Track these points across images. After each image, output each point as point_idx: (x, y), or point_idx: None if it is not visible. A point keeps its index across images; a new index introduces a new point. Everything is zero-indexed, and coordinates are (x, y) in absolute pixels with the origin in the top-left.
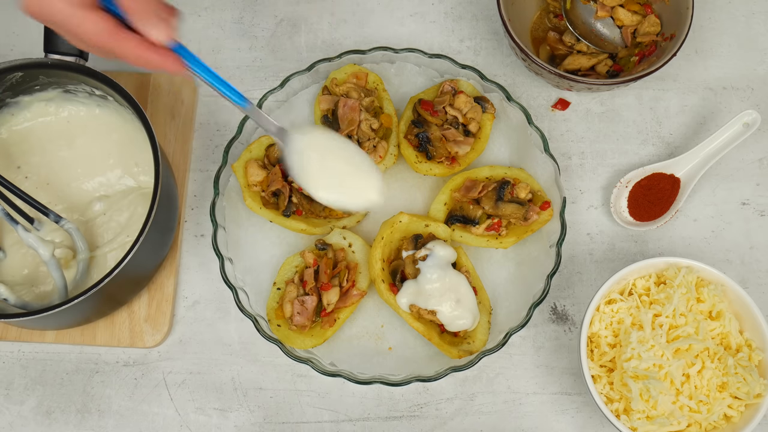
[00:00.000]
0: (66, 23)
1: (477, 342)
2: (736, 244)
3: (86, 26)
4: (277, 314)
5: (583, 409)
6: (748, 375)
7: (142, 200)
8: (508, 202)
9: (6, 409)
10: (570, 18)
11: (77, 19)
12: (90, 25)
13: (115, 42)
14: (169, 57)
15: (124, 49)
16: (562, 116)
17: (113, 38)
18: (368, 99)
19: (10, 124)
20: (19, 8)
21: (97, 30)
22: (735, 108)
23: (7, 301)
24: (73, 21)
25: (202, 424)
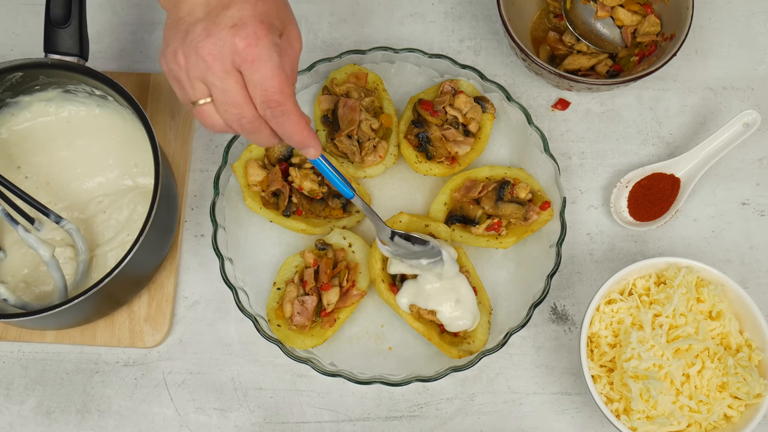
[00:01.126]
0: None
1: (477, 342)
2: (736, 244)
3: (281, 75)
4: (277, 314)
5: (583, 409)
6: (748, 375)
7: (142, 199)
8: (508, 202)
9: (6, 409)
10: (570, 18)
11: (275, 63)
12: (284, 76)
13: (293, 104)
14: (317, 138)
15: (296, 115)
16: (562, 116)
17: (293, 100)
18: (368, 99)
19: (10, 124)
20: None
21: (287, 86)
22: (735, 108)
23: (7, 302)
24: None
25: (202, 424)
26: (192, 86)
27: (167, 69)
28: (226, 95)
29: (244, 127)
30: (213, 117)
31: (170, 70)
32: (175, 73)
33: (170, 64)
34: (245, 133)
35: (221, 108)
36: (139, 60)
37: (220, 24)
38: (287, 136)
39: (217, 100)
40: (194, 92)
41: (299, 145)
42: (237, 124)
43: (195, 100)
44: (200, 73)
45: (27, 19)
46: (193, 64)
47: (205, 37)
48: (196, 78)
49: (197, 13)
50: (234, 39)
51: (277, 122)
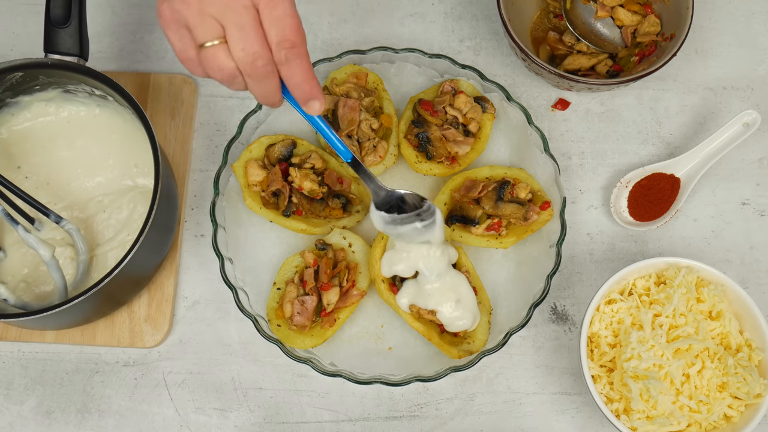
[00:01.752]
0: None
1: (477, 342)
2: (736, 244)
3: (296, 15)
4: (277, 314)
5: (583, 409)
6: (748, 375)
7: (142, 198)
8: (508, 202)
9: (6, 409)
10: (570, 18)
11: (289, 3)
12: (298, 19)
13: (305, 48)
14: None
15: (306, 59)
16: (562, 116)
17: (305, 46)
18: (368, 99)
19: (10, 124)
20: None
21: (301, 27)
22: (735, 108)
23: (7, 302)
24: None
25: (202, 424)
26: (204, 24)
27: (171, 12)
28: (244, 32)
29: (257, 69)
30: (222, 59)
31: (176, 11)
32: (183, 14)
33: (177, 5)
34: (255, 78)
35: (237, 46)
36: (139, 60)
37: None
38: (295, 84)
39: (232, 38)
40: (205, 31)
41: (306, 95)
42: (250, 66)
43: (203, 42)
44: (217, 9)
45: (27, 19)
46: (210, 1)
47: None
48: (210, 15)
49: None
50: None
51: (290, 66)
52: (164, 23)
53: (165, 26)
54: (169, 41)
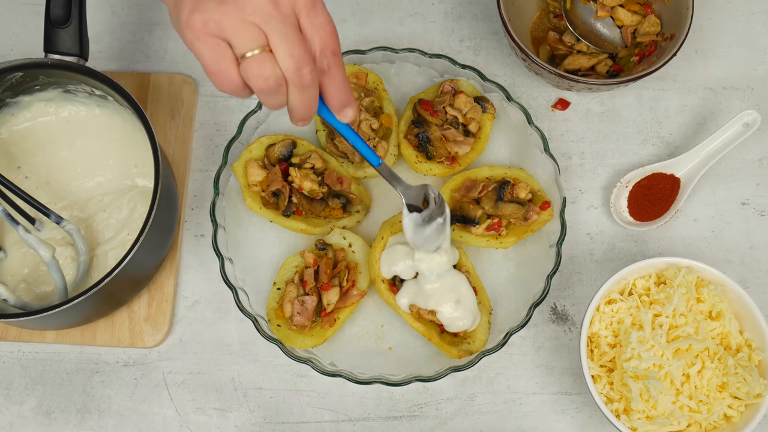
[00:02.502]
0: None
1: (477, 342)
2: (736, 244)
3: (333, 24)
4: (277, 314)
5: (583, 409)
6: (748, 375)
7: (142, 198)
8: (508, 202)
9: (6, 409)
10: (570, 18)
11: (327, 12)
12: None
13: (340, 57)
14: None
15: (342, 66)
16: (562, 116)
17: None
18: (368, 99)
19: (11, 124)
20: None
21: (337, 35)
22: (735, 108)
23: (7, 302)
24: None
25: (202, 424)
26: (248, 32)
27: (203, 22)
28: (290, 39)
29: (304, 77)
30: (267, 67)
31: (211, 21)
32: (221, 25)
33: (214, 15)
34: (300, 86)
35: (285, 53)
36: (139, 60)
37: None
38: (334, 92)
39: (278, 45)
40: (248, 41)
41: (343, 103)
42: (297, 74)
43: (246, 51)
44: (260, 18)
45: (27, 19)
46: (252, 10)
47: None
48: (253, 24)
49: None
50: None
51: (331, 74)
52: (194, 35)
53: (195, 38)
54: (197, 53)
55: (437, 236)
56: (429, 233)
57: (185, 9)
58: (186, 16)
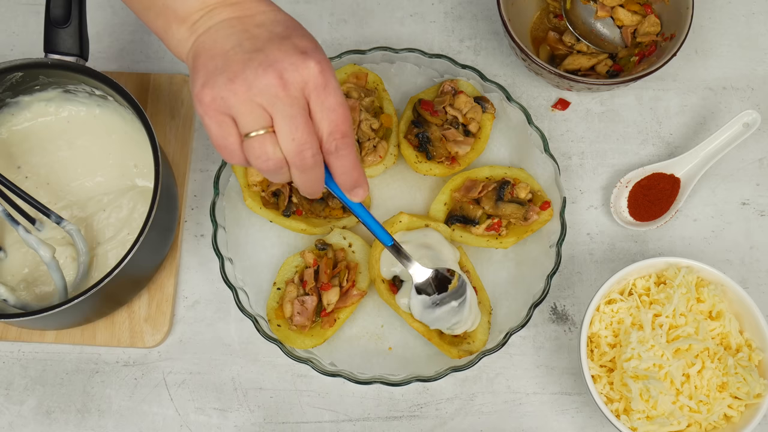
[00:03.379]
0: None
1: (477, 342)
2: (736, 244)
3: (346, 105)
4: (277, 314)
5: (583, 409)
6: (748, 375)
7: (142, 197)
8: (508, 202)
9: (6, 409)
10: (570, 18)
11: (341, 92)
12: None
13: (354, 138)
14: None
15: (354, 150)
16: (562, 116)
17: (353, 135)
18: (368, 99)
19: (10, 124)
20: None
21: (350, 117)
22: (735, 108)
23: (7, 302)
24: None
25: (202, 424)
26: (252, 113)
27: (212, 99)
28: (294, 122)
29: (305, 160)
30: (269, 149)
31: (219, 99)
32: (228, 102)
33: (222, 93)
34: (302, 168)
35: (287, 137)
36: (139, 60)
37: (287, 51)
38: (343, 173)
39: (281, 128)
40: (253, 121)
41: (353, 183)
42: (298, 157)
43: (249, 132)
44: (266, 99)
45: (27, 19)
46: (259, 90)
47: (273, 62)
48: (259, 105)
49: (246, 45)
50: (308, 63)
51: (339, 155)
52: (203, 110)
53: (204, 112)
54: (206, 127)
55: (451, 317)
56: (440, 314)
57: (198, 81)
58: (198, 89)
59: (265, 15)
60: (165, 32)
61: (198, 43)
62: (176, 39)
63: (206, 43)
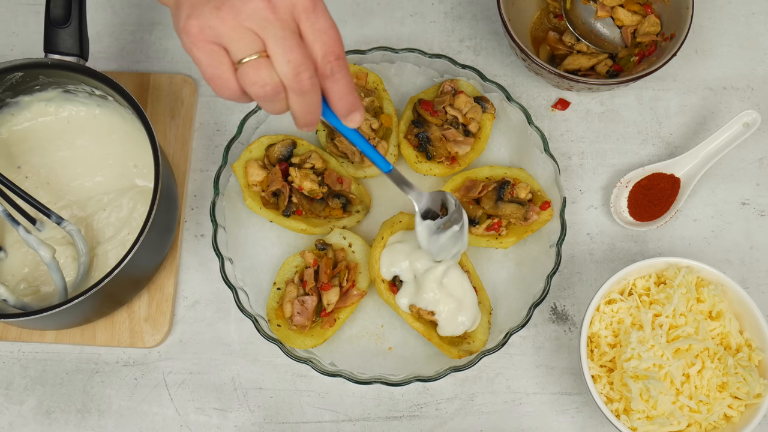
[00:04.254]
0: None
1: (477, 342)
2: (736, 244)
3: (336, 28)
4: (277, 314)
5: (583, 409)
6: (748, 375)
7: (142, 197)
8: (508, 202)
9: (6, 409)
10: (570, 18)
11: (329, 15)
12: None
13: (345, 61)
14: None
15: (348, 72)
16: (562, 116)
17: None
18: (368, 99)
19: (11, 124)
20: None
21: (340, 40)
22: (735, 108)
23: (7, 302)
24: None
25: (202, 424)
26: (243, 39)
27: (199, 29)
28: (287, 44)
29: (303, 82)
30: (265, 73)
31: (207, 28)
32: (217, 31)
33: (210, 21)
34: (299, 92)
35: (282, 59)
36: (139, 60)
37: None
38: (339, 97)
39: (275, 51)
40: (245, 46)
41: (349, 108)
42: (295, 80)
43: (242, 57)
44: (256, 23)
45: (27, 19)
46: (247, 15)
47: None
48: (249, 29)
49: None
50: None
51: (335, 79)
52: (191, 41)
53: (192, 44)
54: (194, 59)
55: (453, 244)
56: (444, 241)
57: (183, 14)
58: (183, 22)
59: None
60: None
61: None
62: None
63: None
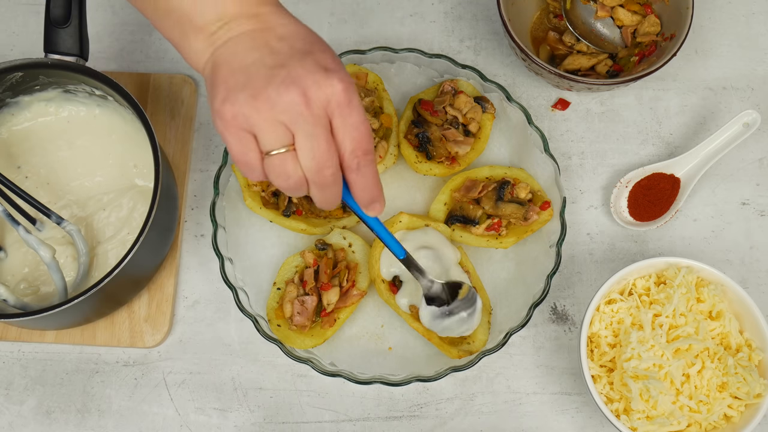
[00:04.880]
0: None
1: (477, 342)
2: (736, 244)
3: (367, 122)
4: (277, 314)
5: (583, 409)
6: (748, 375)
7: (142, 197)
8: (508, 202)
9: (6, 409)
10: (570, 18)
11: (363, 109)
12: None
13: (374, 155)
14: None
15: (375, 166)
16: (562, 116)
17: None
18: (368, 99)
19: (11, 124)
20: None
21: (371, 135)
22: (735, 108)
23: (7, 302)
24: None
25: (202, 424)
26: (274, 131)
27: (233, 115)
28: (316, 141)
29: (325, 178)
30: (290, 167)
31: (240, 115)
32: (251, 120)
33: (244, 109)
34: (321, 186)
35: (308, 155)
36: (139, 60)
37: (310, 68)
38: (363, 188)
39: (303, 146)
40: (274, 140)
41: (371, 199)
42: (318, 175)
43: (271, 150)
44: (289, 117)
45: (27, 19)
46: (282, 108)
47: (295, 79)
48: (281, 123)
49: (268, 61)
50: (331, 80)
51: (362, 173)
52: (224, 125)
53: (224, 128)
54: (226, 143)
55: (459, 327)
56: (449, 324)
57: (219, 96)
58: (218, 105)
59: (286, 28)
60: (181, 42)
61: (217, 55)
62: (193, 50)
63: (226, 56)
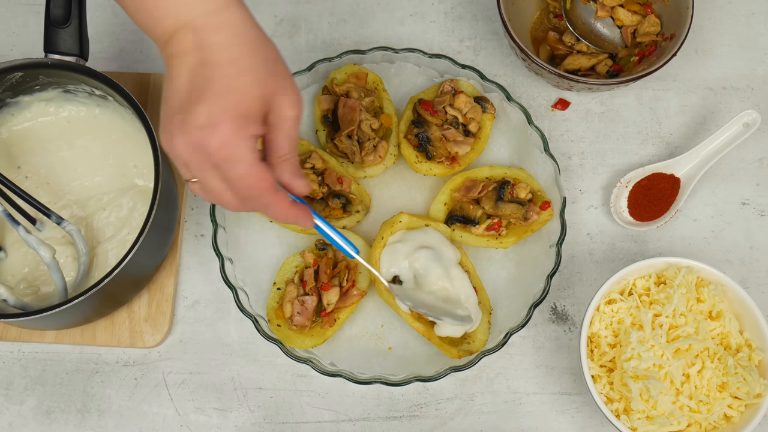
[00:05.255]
0: (230, 161)
1: (477, 342)
2: (736, 244)
3: (255, 173)
4: (277, 314)
5: (583, 409)
6: (748, 375)
7: (143, 197)
8: (508, 202)
9: (6, 409)
10: (570, 18)
11: (248, 163)
12: (259, 174)
13: (273, 196)
14: (305, 213)
15: (276, 204)
16: (562, 116)
17: (272, 192)
18: (368, 99)
19: (10, 124)
20: (164, 145)
21: (263, 180)
22: (735, 108)
23: (7, 302)
24: (240, 162)
25: (202, 424)
26: (181, 166)
27: (164, 143)
28: (208, 185)
29: (229, 208)
30: (201, 194)
31: (165, 147)
32: (167, 150)
33: (164, 143)
34: (236, 207)
35: (206, 195)
36: (139, 60)
37: (192, 122)
38: (275, 217)
39: (201, 186)
40: (184, 171)
41: (291, 222)
42: (223, 205)
43: (187, 179)
44: (182, 162)
45: (27, 19)
46: (177, 152)
47: (179, 133)
48: (181, 163)
49: (173, 102)
50: (206, 140)
51: (262, 210)
52: (166, 150)
53: (167, 152)
54: None
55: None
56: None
57: (162, 123)
58: (161, 130)
59: (218, 55)
60: None
61: (166, 66)
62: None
63: (167, 72)
